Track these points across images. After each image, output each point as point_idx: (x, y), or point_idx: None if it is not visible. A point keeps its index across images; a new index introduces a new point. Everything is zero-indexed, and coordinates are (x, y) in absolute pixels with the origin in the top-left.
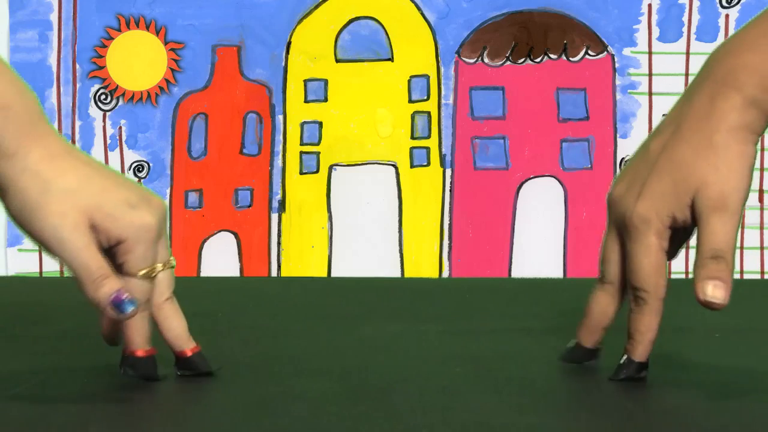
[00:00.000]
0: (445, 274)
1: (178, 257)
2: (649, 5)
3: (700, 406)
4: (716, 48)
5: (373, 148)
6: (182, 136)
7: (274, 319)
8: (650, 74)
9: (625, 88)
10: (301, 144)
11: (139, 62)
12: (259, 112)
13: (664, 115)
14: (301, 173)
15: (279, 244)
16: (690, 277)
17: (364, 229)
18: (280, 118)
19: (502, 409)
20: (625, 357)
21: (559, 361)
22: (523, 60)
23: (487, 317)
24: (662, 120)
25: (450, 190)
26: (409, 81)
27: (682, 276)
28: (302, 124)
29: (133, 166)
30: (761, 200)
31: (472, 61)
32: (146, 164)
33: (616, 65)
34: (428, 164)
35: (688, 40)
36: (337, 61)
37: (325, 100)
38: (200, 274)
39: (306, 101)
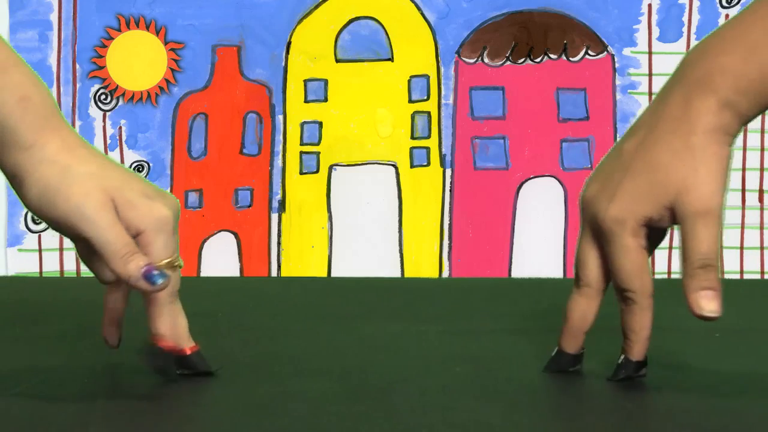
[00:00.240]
0: (445, 274)
1: None
2: (649, 5)
3: (700, 406)
4: (690, 49)
5: (373, 148)
6: (182, 136)
7: (274, 319)
8: (650, 74)
9: (625, 88)
10: (301, 144)
11: (139, 62)
12: (259, 112)
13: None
14: (301, 173)
15: (279, 244)
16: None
17: (364, 229)
18: (280, 118)
19: (502, 409)
20: (622, 357)
21: (544, 371)
22: (523, 60)
23: (487, 317)
24: (635, 121)
25: (450, 190)
26: (409, 81)
27: (679, 276)
28: (302, 124)
29: (133, 166)
30: (761, 200)
31: (472, 61)
32: (146, 164)
33: (616, 65)
34: (428, 164)
35: (688, 40)
36: (337, 61)
37: (325, 100)
38: (200, 274)
39: (306, 101)
